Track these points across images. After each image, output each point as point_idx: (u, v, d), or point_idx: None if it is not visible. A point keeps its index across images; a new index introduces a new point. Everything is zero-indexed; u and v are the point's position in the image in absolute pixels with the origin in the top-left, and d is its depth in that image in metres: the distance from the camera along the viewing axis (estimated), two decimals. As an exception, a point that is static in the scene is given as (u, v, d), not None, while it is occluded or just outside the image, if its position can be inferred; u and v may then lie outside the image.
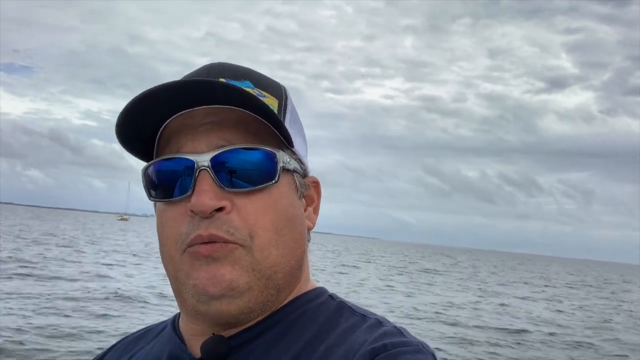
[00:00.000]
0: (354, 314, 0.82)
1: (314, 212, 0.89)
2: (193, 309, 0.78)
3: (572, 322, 18.69)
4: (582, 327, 17.73)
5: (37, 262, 21.42)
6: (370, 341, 0.74)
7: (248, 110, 0.76)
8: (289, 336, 0.79)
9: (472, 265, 64.17)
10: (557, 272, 69.65)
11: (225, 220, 0.75)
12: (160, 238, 0.81)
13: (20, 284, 15.38)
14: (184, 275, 0.77)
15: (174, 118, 0.79)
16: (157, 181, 0.80)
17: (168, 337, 0.88)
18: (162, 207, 0.81)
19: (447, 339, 13.15)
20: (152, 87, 0.74)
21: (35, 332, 9.95)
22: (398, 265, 48.18)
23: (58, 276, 17.56)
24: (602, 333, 16.81)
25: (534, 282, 42.53)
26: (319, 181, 0.90)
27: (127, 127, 0.78)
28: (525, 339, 14.30)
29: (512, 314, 19.19)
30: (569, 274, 66.91)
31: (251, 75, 0.85)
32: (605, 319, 20.80)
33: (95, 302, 13.56)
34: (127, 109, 0.76)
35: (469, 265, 65.65)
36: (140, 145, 0.83)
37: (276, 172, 0.78)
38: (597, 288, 42.29)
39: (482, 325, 15.93)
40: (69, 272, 18.94)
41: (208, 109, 0.78)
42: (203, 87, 0.75)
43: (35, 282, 16.09)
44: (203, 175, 0.75)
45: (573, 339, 15.20)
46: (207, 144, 0.77)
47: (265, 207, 0.77)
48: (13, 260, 20.83)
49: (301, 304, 0.83)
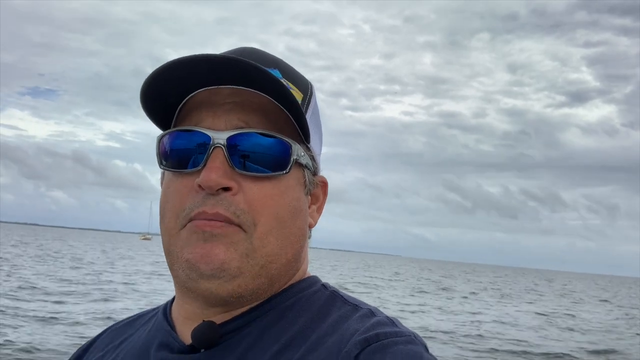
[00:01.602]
0: (346, 303, 0.82)
1: (317, 211, 0.89)
2: (184, 285, 0.78)
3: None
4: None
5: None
6: (363, 330, 0.73)
7: (273, 96, 0.76)
8: (280, 324, 0.78)
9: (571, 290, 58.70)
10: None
11: (232, 201, 0.75)
12: (161, 209, 0.81)
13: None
14: (178, 249, 0.77)
15: (199, 92, 0.79)
16: (171, 151, 0.80)
17: (158, 323, 0.87)
18: (170, 178, 0.81)
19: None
20: (184, 56, 0.74)
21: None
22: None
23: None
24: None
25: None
26: (327, 182, 0.90)
27: (152, 93, 0.78)
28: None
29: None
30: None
31: (280, 65, 0.85)
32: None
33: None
34: (156, 75, 0.75)
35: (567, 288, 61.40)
36: (161, 113, 0.82)
37: (288, 163, 0.78)
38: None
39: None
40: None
41: (233, 89, 0.77)
42: (234, 65, 0.74)
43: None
44: (217, 153, 0.75)
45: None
46: (227, 122, 0.77)
47: (272, 195, 0.77)
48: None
49: (293, 293, 0.83)
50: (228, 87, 0.77)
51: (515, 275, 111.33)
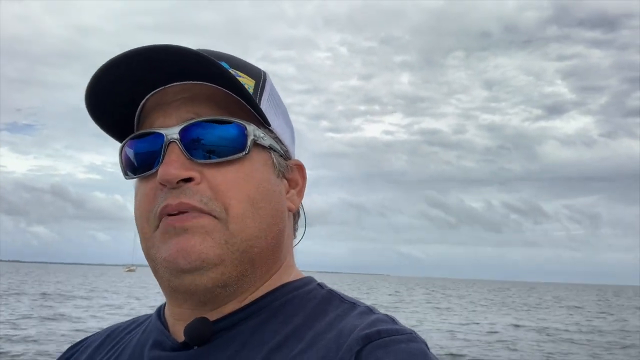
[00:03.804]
0: (344, 301, 0.80)
1: (298, 195, 0.87)
2: (168, 285, 0.77)
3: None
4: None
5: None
6: (363, 326, 0.71)
7: (220, 84, 0.75)
8: (275, 322, 0.76)
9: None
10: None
11: (196, 190, 0.74)
12: (135, 216, 0.80)
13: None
14: (155, 251, 0.76)
15: (149, 97, 0.79)
16: (131, 158, 0.79)
17: (152, 324, 0.86)
18: (137, 185, 0.80)
19: None
20: (117, 56, 0.73)
21: None
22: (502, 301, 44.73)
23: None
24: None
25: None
26: (303, 165, 0.88)
27: (102, 108, 0.79)
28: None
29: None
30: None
31: (229, 58, 0.84)
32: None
33: None
34: (99, 87, 0.76)
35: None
36: (119, 128, 0.82)
37: (246, 145, 0.77)
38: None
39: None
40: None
41: (181, 86, 0.77)
42: (177, 57, 0.73)
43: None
44: (172, 148, 0.75)
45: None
46: (177, 118, 0.76)
47: (237, 179, 0.76)
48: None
49: (288, 291, 0.81)
50: (176, 84, 0.77)
51: (496, 290, 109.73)
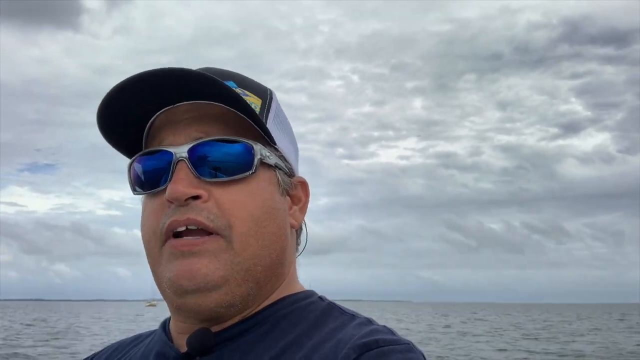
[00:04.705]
0: (344, 313, 0.82)
1: (300, 211, 0.88)
2: (172, 303, 0.78)
3: None
4: None
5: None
6: (361, 335, 0.73)
7: (228, 104, 0.77)
8: (276, 332, 0.78)
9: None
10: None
11: (203, 207, 0.75)
12: (142, 232, 0.81)
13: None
14: (161, 269, 0.77)
15: (158, 115, 0.81)
16: (140, 176, 0.81)
17: (157, 336, 0.88)
18: (145, 202, 0.82)
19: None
20: (131, 77, 0.75)
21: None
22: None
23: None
24: None
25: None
26: (306, 182, 0.89)
27: (113, 125, 0.81)
28: None
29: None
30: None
31: (235, 77, 0.86)
32: None
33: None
34: (111, 105, 0.77)
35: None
36: (127, 143, 0.84)
37: (253, 164, 0.78)
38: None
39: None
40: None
41: (190, 104, 0.79)
42: (185, 79, 0.75)
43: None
44: (180, 166, 0.77)
45: None
46: (186, 136, 0.78)
47: (243, 197, 0.77)
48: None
49: (290, 303, 0.83)
50: (185, 103, 0.79)
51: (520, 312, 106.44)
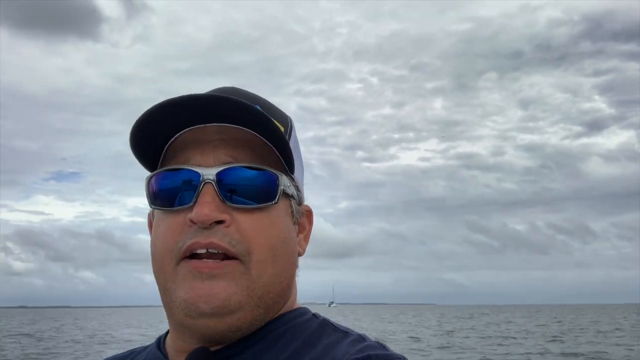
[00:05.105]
0: (337, 330, 0.84)
1: (305, 240, 0.91)
2: (180, 323, 0.78)
3: None
4: None
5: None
6: (354, 352, 0.75)
7: (259, 131, 0.79)
8: (273, 350, 0.80)
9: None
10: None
11: (226, 232, 0.77)
12: (154, 247, 0.81)
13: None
14: (175, 287, 0.77)
15: (185, 132, 0.81)
16: (161, 190, 0.81)
17: (152, 354, 0.87)
18: (161, 217, 0.82)
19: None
20: (171, 98, 0.76)
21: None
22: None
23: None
24: None
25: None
26: (312, 210, 0.92)
27: (140, 137, 0.81)
28: None
29: None
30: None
31: (260, 101, 0.87)
32: None
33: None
34: (145, 118, 0.78)
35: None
36: (149, 155, 0.84)
37: (277, 194, 0.80)
38: None
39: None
40: None
41: (219, 127, 0.79)
42: (219, 103, 0.77)
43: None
44: (207, 188, 0.77)
45: None
46: (215, 159, 0.79)
47: (264, 226, 0.79)
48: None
49: (285, 321, 0.84)
50: (214, 124, 0.80)
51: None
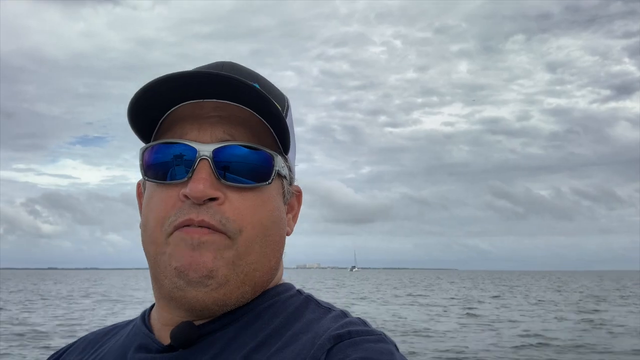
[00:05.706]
0: (320, 306, 0.85)
1: (293, 220, 0.91)
2: (168, 294, 0.78)
3: None
4: None
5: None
6: (335, 327, 0.77)
7: (257, 110, 0.78)
8: (256, 325, 0.81)
9: None
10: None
11: (217, 210, 0.77)
12: (145, 218, 0.81)
13: None
14: (166, 258, 0.77)
15: (182, 106, 0.80)
16: (156, 162, 0.80)
17: (137, 328, 0.88)
18: (154, 189, 0.81)
19: None
20: (172, 73, 0.76)
21: None
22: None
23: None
24: None
25: None
26: (302, 191, 0.93)
27: (138, 108, 0.80)
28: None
29: None
30: None
31: (260, 80, 0.86)
32: None
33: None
34: (143, 91, 0.77)
35: None
36: (145, 127, 0.83)
37: (271, 174, 0.81)
38: None
39: None
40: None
41: (218, 103, 0.79)
42: (219, 80, 0.76)
43: None
44: (203, 164, 0.77)
45: None
46: (212, 135, 0.79)
47: (256, 205, 0.79)
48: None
49: (270, 297, 0.85)
50: (212, 100, 0.79)
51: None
